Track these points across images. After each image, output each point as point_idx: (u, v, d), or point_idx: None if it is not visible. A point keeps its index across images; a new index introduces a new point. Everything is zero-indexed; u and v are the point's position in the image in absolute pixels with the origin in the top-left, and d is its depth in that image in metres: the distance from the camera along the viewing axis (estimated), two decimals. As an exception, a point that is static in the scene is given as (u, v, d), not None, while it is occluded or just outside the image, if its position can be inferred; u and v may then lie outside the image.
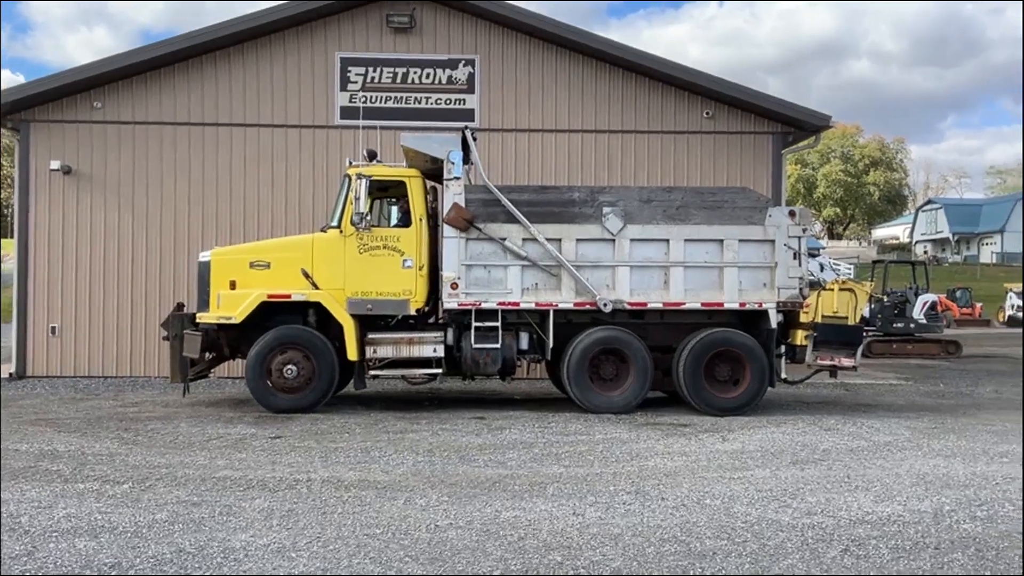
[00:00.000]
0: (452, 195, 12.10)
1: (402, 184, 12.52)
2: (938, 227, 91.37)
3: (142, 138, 16.49)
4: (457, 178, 12.14)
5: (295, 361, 11.97)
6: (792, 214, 12.40)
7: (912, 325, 24.67)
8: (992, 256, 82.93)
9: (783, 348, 12.82)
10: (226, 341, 12.42)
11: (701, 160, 16.94)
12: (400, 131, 16.73)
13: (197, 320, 12.37)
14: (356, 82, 16.60)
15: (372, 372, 12.39)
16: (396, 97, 16.56)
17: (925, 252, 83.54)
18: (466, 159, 12.54)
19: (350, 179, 12.29)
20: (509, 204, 12.10)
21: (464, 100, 16.65)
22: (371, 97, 16.54)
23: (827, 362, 12.57)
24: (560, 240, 12.15)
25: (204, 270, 12.50)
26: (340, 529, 6.29)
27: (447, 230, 12.12)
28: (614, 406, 12.12)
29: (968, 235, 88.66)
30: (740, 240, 12.22)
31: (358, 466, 8.57)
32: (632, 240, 12.20)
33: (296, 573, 5.34)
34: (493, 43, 16.83)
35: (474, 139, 12.69)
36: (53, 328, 16.23)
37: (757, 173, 16.85)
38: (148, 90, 16.54)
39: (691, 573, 5.40)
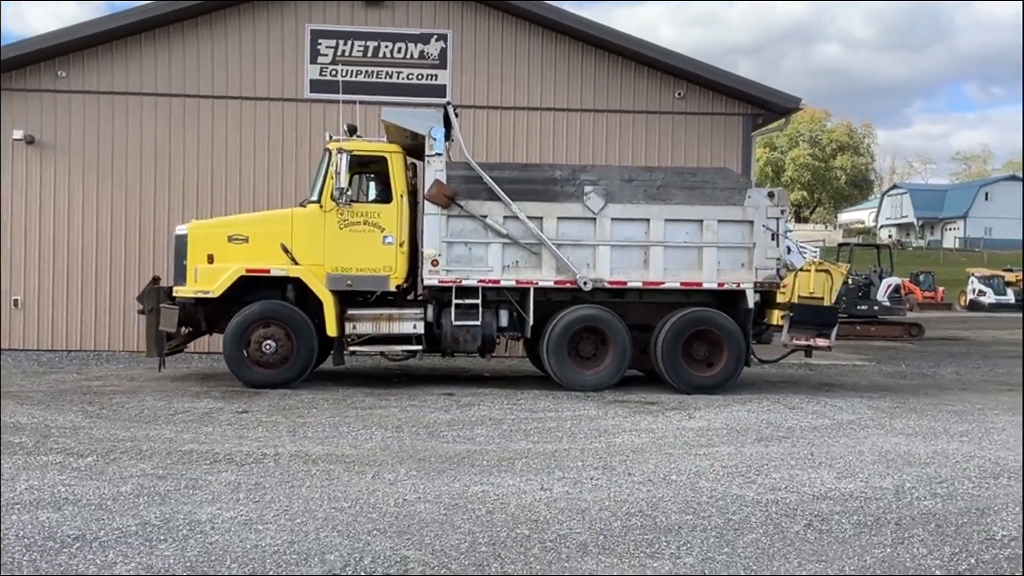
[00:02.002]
0: (434, 171, 12.02)
1: (383, 159, 12.42)
2: (903, 212, 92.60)
3: (107, 108, 16.20)
4: (439, 154, 12.04)
5: (274, 336, 11.85)
6: (771, 195, 12.50)
7: (876, 308, 25.02)
8: (955, 241, 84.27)
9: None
10: (203, 315, 12.26)
11: (672, 140, 16.98)
12: (370, 105, 16.63)
13: (174, 294, 12.18)
14: (327, 55, 16.41)
15: (351, 348, 12.30)
16: (367, 71, 16.40)
17: (890, 236, 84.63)
18: (447, 136, 12.45)
19: (330, 153, 12.16)
20: (491, 181, 12.06)
21: (436, 76, 16.54)
22: (342, 71, 16.38)
23: (802, 342, 12.69)
24: (541, 218, 12.14)
25: (181, 243, 12.30)
26: (307, 503, 6.28)
27: (428, 207, 12.04)
28: (593, 383, 12.17)
29: (932, 220, 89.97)
30: (719, 220, 12.30)
31: (326, 441, 8.54)
32: (613, 219, 12.22)
33: (264, 544, 5.33)
34: (466, 18, 16.70)
35: (456, 115, 12.59)
36: (16, 300, 15.97)
37: (727, 154, 16.90)
38: (114, 60, 16.24)
39: (657, 547, 5.46)
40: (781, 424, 9.91)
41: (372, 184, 13.09)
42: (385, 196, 12.44)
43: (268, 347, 11.83)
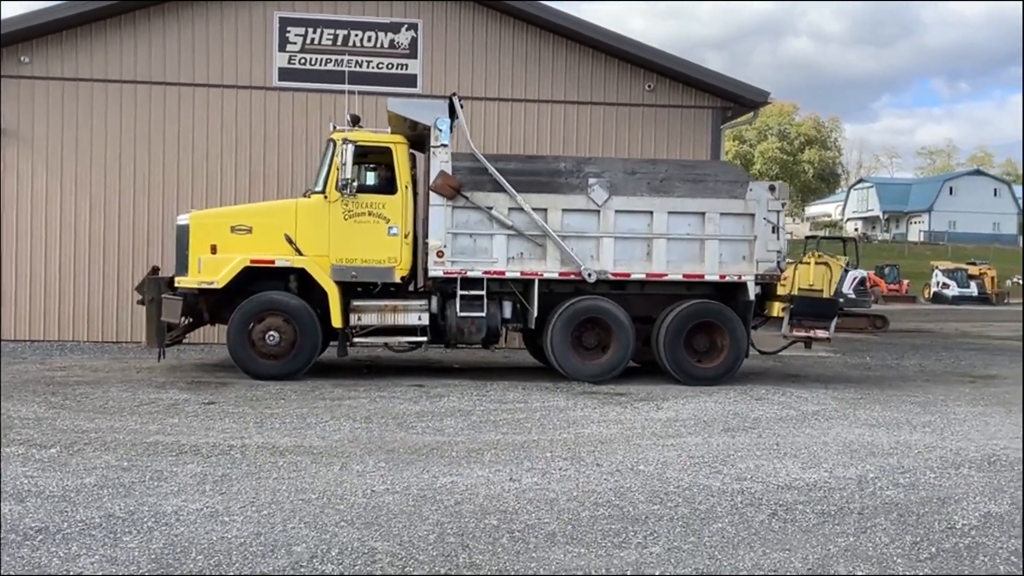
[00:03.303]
0: (439, 162, 11.99)
1: (388, 150, 12.35)
2: (869, 205, 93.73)
3: (72, 95, 15.93)
4: (444, 145, 12.02)
5: (278, 328, 11.78)
6: (772, 189, 12.63)
7: (841, 299, 25.27)
8: (920, 235, 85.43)
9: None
10: (206, 306, 12.15)
11: (642, 133, 17.03)
12: (340, 95, 16.54)
13: (176, 284, 12.05)
14: (295, 43, 16.26)
15: (356, 339, 12.26)
16: (336, 60, 16.26)
17: (856, 229, 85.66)
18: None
19: (335, 143, 12.07)
20: (496, 173, 12.08)
21: (407, 65, 16.45)
22: (311, 59, 16.25)
23: (802, 333, 12.84)
24: (546, 210, 12.17)
25: (182, 233, 12.19)
26: (275, 494, 6.25)
27: (433, 198, 12.02)
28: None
29: (897, 214, 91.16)
30: (721, 213, 12.41)
31: (294, 432, 8.50)
32: (617, 211, 12.28)
33: (230, 536, 5.30)
34: (436, 8, 16.62)
35: (460, 106, 12.56)
36: (-24, 290, 15.71)
37: (697, 147, 16.99)
38: (79, 45, 15.97)
39: (624, 537, 5.50)
40: (748, 415, 10.01)
41: (368, 174, 12.97)
42: (389, 187, 12.35)
43: (272, 338, 11.76)
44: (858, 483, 6.93)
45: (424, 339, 12.26)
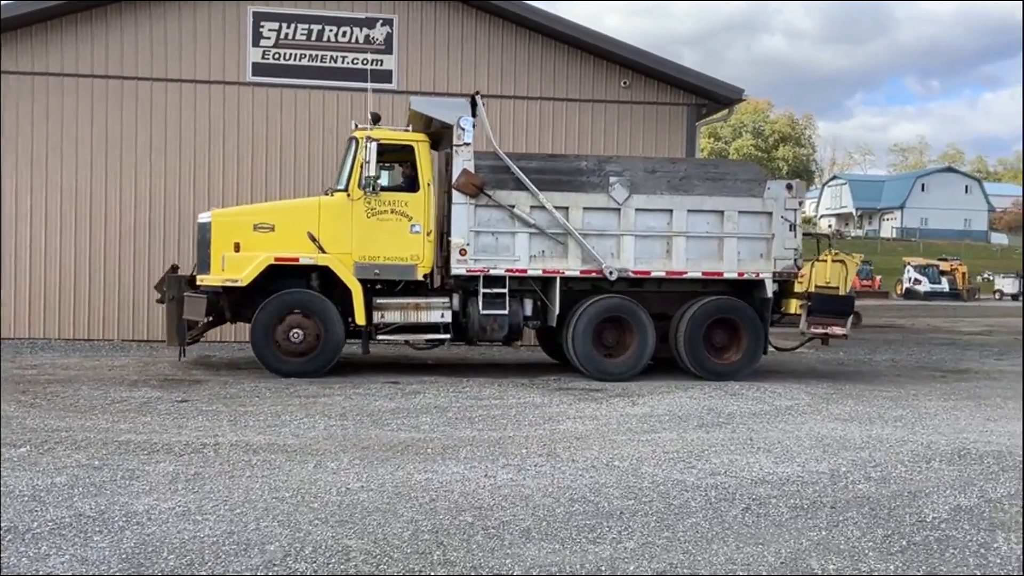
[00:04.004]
0: (462, 161, 12.06)
1: (410, 148, 12.39)
2: (842, 202, 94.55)
3: (41, 89, 15.71)
4: (467, 144, 12.09)
5: (302, 325, 11.82)
6: (789, 187, 12.79)
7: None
8: (892, 231, 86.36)
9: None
10: (227, 304, 12.12)
11: (618, 129, 17.07)
12: (314, 91, 16.49)
13: (199, 282, 12.04)
14: (269, 38, 16.14)
15: (380, 337, 12.33)
16: (311, 55, 16.17)
17: (829, 226, 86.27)
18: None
19: (357, 142, 12.08)
20: (519, 171, 12.16)
21: (382, 61, 16.37)
22: (285, 54, 16.14)
23: (820, 330, 12.94)
24: (567, 208, 12.27)
25: (204, 231, 12.16)
26: (248, 492, 6.20)
27: (456, 196, 12.09)
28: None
29: (870, 210, 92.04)
30: (740, 212, 12.56)
31: (268, 430, 8.45)
32: (637, 210, 12.39)
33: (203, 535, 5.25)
34: (412, 4, 16.55)
35: (482, 105, 12.63)
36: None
37: (672, 144, 17.05)
38: (49, 40, 15.76)
39: (599, 532, 5.51)
40: (722, 410, 10.06)
41: (397, 173, 13.02)
42: (411, 185, 12.41)
43: (296, 336, 11.81)
44: (831, 477, 6.99)
45: (447, 336, 12.34)
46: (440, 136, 12.71)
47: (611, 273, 12.30)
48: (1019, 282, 52.78)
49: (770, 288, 12.62)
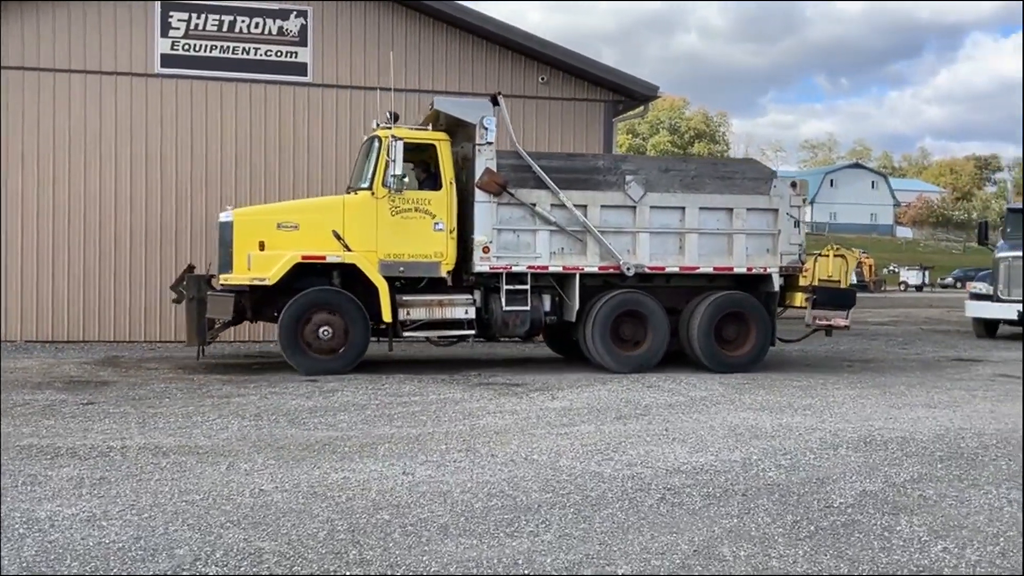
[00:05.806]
0: (485, 160, 12.17)
1: (432, 147, 12.42)
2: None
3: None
4: (490, 143, 12.19)
5: (329, 323, 11.79)
6: (794, 185, 13.28)
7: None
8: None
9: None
10: (250, 303, 11.98)
11: (536, 125, 17.14)
12: (227, 83, 16.13)
13: (222, 282, 11.89)
14: (179, 28, 15.72)
15: (405, 333, 12.33)
16: (223, 47, 15.80)
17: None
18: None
19: (381, 140, 12.04)
20: (540, 170, 12.33)
21: (296, 53, 16.11)
22: (195, 45, 15.73)
23: (824, 322, 13.44)
24: (586, 206, 12.50)
25: (226, 231, 11.97)
26: (156, 496, 6.02)
27: (479, 195, 12.17)
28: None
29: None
30: (748, 209, 12.97)
31: (178, 432, 8.22)
32: (652, 207, 12.72)
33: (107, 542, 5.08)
34: (327, -4, 16.33)
35: (504, 106, 12.73)
36: None
37: (589, 140, 17.22)
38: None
39: (517, 526, 5.52)
40: (639, 402, 10.20)
41: (420, 171, 12.93)
42: (434, 183, 12.41)
43: (325, 333, 11.80)
44: (742, 465, 7.14)
45: (471, 332, 12.51)
46: (452, 134, 12.77)
47: (628, 269, 12.60)
48: (922, 274, 54.94)
49: (777, 282, 13.10)
